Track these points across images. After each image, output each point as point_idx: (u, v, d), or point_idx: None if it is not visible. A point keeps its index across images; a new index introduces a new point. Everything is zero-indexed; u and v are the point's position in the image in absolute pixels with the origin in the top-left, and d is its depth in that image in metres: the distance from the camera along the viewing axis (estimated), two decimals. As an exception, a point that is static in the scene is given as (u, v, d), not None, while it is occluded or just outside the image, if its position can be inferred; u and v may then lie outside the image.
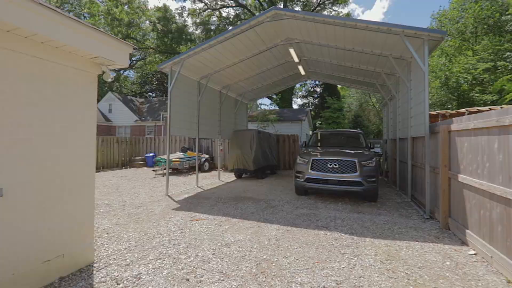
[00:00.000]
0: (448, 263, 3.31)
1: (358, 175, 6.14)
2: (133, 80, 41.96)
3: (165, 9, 29.01)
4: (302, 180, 6.71)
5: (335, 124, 24.13)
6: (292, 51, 8.46)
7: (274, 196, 7.32)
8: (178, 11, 31.93)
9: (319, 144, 8.74)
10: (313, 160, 6.64)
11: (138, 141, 16.85)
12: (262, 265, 3.23)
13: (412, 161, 6.73)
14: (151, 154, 15.26)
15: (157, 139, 16.89)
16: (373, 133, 37.99)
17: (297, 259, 3.40)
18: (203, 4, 30.88)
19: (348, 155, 6.49)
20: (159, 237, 4.17)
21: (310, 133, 27.30)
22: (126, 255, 3.50)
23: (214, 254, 3.54)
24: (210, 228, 4.63)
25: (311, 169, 6.59)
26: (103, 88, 33.38)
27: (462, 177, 3.98)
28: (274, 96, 30.00)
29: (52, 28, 2.50)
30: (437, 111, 7.96)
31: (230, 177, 11.44)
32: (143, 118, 26.28)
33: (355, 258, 3.43)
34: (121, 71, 37.81)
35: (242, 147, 10.22)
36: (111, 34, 2.95)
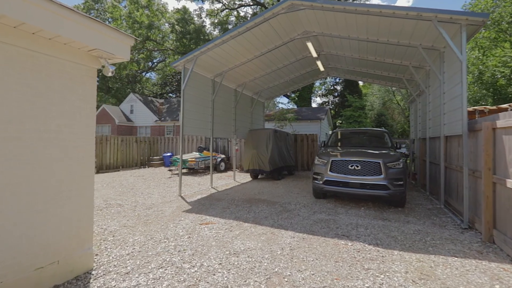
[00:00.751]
0: (497, 287, 2.74)
1: (383, 177, 5.57)
2: (154, 81, 43.08)
3: (184, 11, 29.39)
4: (321, 182, 6.23)
5: (356, 123, 23.13)
6: (310, 45, 7.98)
7: (290, 199, 6.90)
8: (197, 12, 32.28)
9: (339, 144, 8.18)
10: (332, 161, 6.14)
11: (156, 140, 17.07)
12: (272, 280, 2.86)
13: (445, 163, 6.03)
14: (168, 154, 15.35)
15: (175, 139, 17.00)
16: (397, 132, 36.13)
17: (313, 274, 2.99)
18: (221, 4, 30.95)
19: (372, 156, 5.92)
20: (165, 242, 3.93)
21: (330, 132, 26.44)
22: (128, 261, 3.27)
23: (220, 264, 3.22)
24: (220, 233, 4.32)
25: (330, 170, 6.10)
26: (125, 89, 34.52)
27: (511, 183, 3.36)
28: (292, 95, 29.41)
29: (42, 17, 2.30)
30: (473, 107, 7.14)
31: (246, 177, 11.15)
32: (162, 119, 26.76)
33: (382, 276, 2.95)
34: (144, 73, 38.94)
35: (258, 147, 9.87)
36: (133, 36, 2.70)
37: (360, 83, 37.43)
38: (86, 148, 2.96)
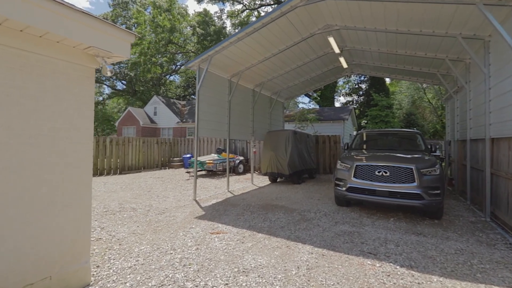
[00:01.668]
0: None
1: (416, 185, 4.90)
2: (178, 83, 44.15)
3: (205, 13, 29.72)
4: (343, 189, 5.67)
5: (383, 123, 21.81)
6: (331, 40, 7.42)
7: (310, 206, 6.40)
8: (217, 14, 32.53)
9: (364, 146, 7.53)
10: (357, 165, 5.56)
11: (177, 142, 17.24)
12: (284, 310, 2.45)
13: (492, 169, 5.20)
14: (188, 155, 15.40)
15: (195, 140, 17.05)
16: (428, 133, 33.75)
17: (333, 304, 2.53)
18: (241, 5, 30.91)
19: (403, 161, 5.26)
20: (171, 253, 3.65)
21: (354, 133, 25.26)
22: (128, 276, 3.02)
23: (227, 285, 2.86)
24: (230, 245, 3.97)
25: (354, 176, 5.53)
26: (150, 92, 35.61)
27: None
28: (314, 94, 28.53)
29: (29, 13, 2.09)
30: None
31: (264, 180, 10.76)
32: (184, 120, 27.19)
33: (419, 312, 2.42)
34: (168, 76, 39.97)
35: (276, 149, 9.44)
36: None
37: (387, 80, 35.53)
38: (83, 152, 2.75)
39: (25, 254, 2.34)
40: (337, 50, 8.17)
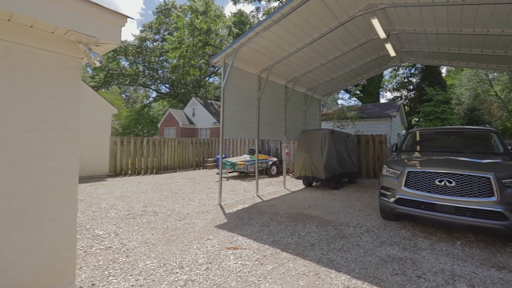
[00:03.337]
0: None
1: (496, 201, 3.67)
2: (217, 84, 45.17)
3: (240, 13, 29.67)
4: (391, 200, 4.62)
5: (438, 120, 19.06)
6: (376, 22, 6.30)
7: (348, 218, 5.44)
8: (253, 13, 32.26)
9: (418, 147, 6.25)
10: (409, 172, 4.47)
11: (211, 142, 17.24)
12: None
13: None
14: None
15: (230, 140, 16.86)
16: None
17: None
18: (278, 2, 30.14)
19: (476, 167, 4.04)
20: (177, 273, 3.14)
21: (404, 132, 22.70)
22: (120, 302, 2.57)
23: (230, 328, 2.22)
24: (247, 266, 3.32)
25: (405, 185, 4.45)
26: (190, 94, 36.91)
27: None
28: (357, 92, 26.42)
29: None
30: None
31: (298, 184, 9.90)
32: (220, 120, 27.49)
33: None
34: (207, 78, 41.05)
35: (310, 150, 8.53)
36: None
37: (443, 72, 31.44)
38: (65, 157, 2.35)
39: (-9, 276, 1.99)
40: (382, 35, 6.99)
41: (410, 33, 7.27)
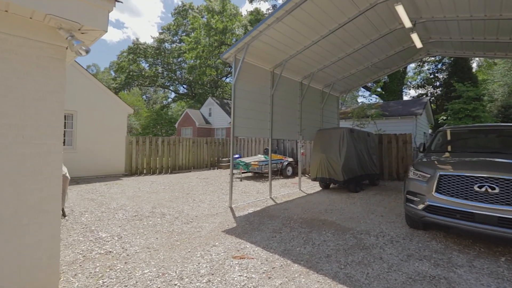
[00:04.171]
0: None
1: (553, 212, 3.05)
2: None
3: (256, 12, 29.37)
4: (419, 207, 4.07)
5: (469, 118, 17.62)
6: (400, 9, 5.71)
7: (369, 225, 4.93)
8: (269, 11, 31.79)
9: (449, 148, 5.59)
10: (441, 175, 3.90)
11: (226, 142, 17.06)
12: None
13: None
14: (236, 156, 14.97)
15: (244, 140, 16.60)
16: (536, 130, 26.36)
17: None
18: (294, -1, 29.50)
19: (524, 171, 3.42)
20: (175, 285, 2.85)
21: (430, 132, 21.31)
22: (108, 318, 2.31)
23: None
24: (252, 280, 2.97)
25: (437, 191, 3.89)
26: (208, 94, 37.13)
27: None
28: (379, 89, 25.18)
29: None
30: None
31: (314, 186, 9.40)
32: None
33: None
34: (224, 78, 41.11)
35: (327, 151, 8.02)
36: (209, 42, 1.61)
37: (474, 66, 29.27)
38: (47, 157, 2.12)
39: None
40: (408, 24, 6.36)
41: (439, 21, 6.56)
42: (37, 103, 2.11)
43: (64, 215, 5.22)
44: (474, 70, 28.68)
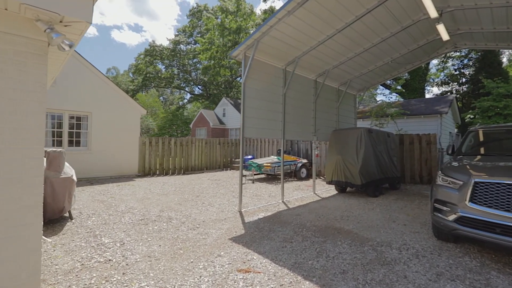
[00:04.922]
0: None
1: None
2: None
3: (271, 10, 28.97)
4: (450, 218, 3.58)
5: (499, 117, 16.34)
6: (425, -3, 5.18)
7: (391, 236, 4.46)
8: (284, 9, 31.28)
9: (482, 150, 4.99)
10: (476, 183, 3.40)
11: (239, 142, 16.85)
12: None
13: None
14: (249, 157, 14.71)
15: (257, 140, 16.31)
16: None
17: None
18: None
19: None
20: (172, 302, 2.59)
21: (456, 131, 20.02)
22: None
23: None
24: (257, 299, 2.65)
25: (472, 200, 3.39)
26: (222, 94, 37.22)
27: None
28: (399, 87, 24.02)
29: None
30: None
31: (330, 190, 8.93)
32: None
33: None
34: (238, 78, 41.06)
35: (344, 152, 7.54)
36: (223, 43, 1.37)
37: (504, 61, 27.24)
38: (25, 163, 1.92)
39: None
40: (434, 14, 5.79)
41: (469, 9, 5.93)
42: (14, 104, 1.91)
43: (71, 217, 5.16)
44: (504, 65, 26.70)
